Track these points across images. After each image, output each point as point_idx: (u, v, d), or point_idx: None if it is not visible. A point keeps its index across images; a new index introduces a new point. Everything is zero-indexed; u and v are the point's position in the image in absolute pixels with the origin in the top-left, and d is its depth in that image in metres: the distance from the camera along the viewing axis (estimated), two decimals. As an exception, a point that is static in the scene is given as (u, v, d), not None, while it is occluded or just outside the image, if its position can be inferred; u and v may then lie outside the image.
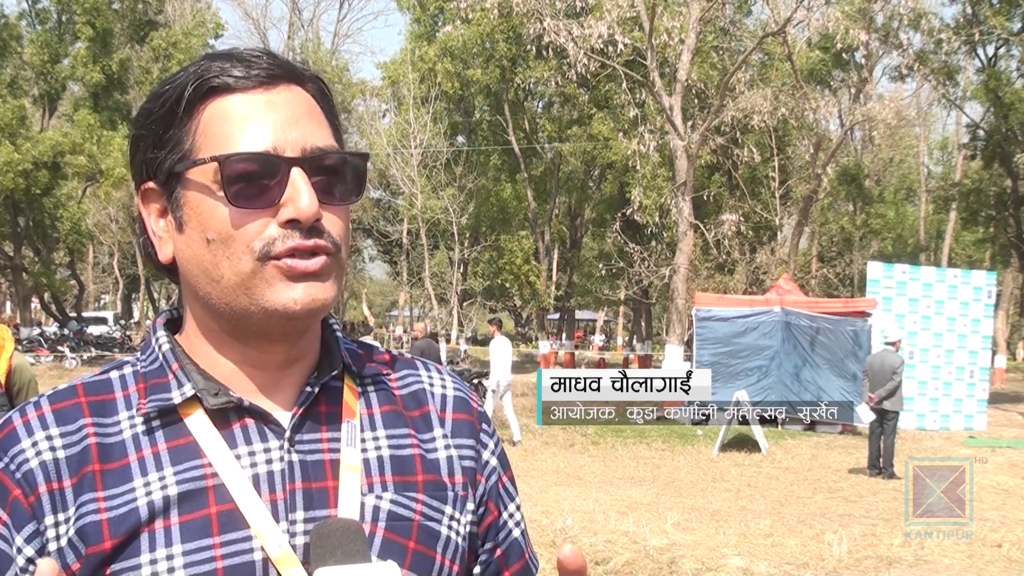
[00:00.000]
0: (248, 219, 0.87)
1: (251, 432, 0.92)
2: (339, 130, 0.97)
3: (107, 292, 59.40)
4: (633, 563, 6.44)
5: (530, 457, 12.54)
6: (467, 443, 1.03)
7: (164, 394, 0.91)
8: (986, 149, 31.80)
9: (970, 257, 45.65)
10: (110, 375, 0.96)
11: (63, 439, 0.89)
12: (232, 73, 0.89)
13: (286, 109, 0.90)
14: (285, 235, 0.87)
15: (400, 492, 0.95)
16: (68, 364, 26.89)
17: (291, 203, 0.87)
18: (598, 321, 56.50)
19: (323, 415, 0.95)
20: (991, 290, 17.70)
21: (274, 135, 0.88)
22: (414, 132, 28.60)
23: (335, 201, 0.91)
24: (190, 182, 0.90)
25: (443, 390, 1.05)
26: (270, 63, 0.91)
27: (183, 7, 35.20)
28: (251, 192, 0.87)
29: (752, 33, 25.87)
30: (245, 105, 0.89)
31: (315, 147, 0.89)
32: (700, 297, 17.71)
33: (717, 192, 28.52)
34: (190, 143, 0.90)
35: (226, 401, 0.91)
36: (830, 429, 15.70)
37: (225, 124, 0.89)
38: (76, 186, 31.89)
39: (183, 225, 0.91)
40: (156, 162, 0.91)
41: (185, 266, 0.92)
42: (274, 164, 0.87)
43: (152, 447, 0.90)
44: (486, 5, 19.81)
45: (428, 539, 0.95)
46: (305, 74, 0.94)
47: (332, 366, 0.98)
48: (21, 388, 4.30)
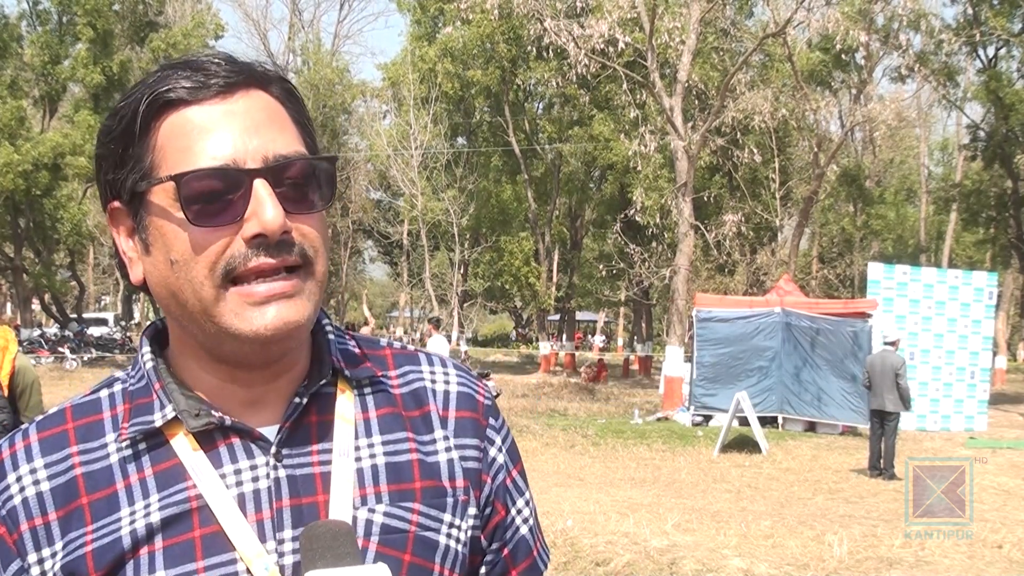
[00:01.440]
0: (211, 238, 0.83)
1: (236, 450, 0.89)
2: (309, 132, 0.93)
3: (107, 293, 59.37)
4: (634, 564, 6.44)
5: (531, 458, 12.53)
6: (471, 443, 0.99)
7: (147, 416, 0.89)
8: (987, 150, 31.79)
9: (971, 258, 45.60)
10: (99, 394, 0.94)
11: (47, 470, 0.88)
12: (186, 84, 0.85)
13: (246, 117, 0.85)
14: (249, 254, 0.83)
15: (395, 503, 0.92)
16: (68, 365, 26.89)
17: (255, 217, 0.83)
18: (598, 322, 56.47)
19: (313, 425, 0.92)
20: (992, 291, 17.70)
21: (234, 146, 0.84)
22: (414, 133, 28.62)
23: (305, 210, 0.86)
24: (151, 203, 0.86)
25: (446, 386, 1.01)
26: (229, 70, 0.87)
27: (183, 8, 35.19)
28: (212, 210, 0.83)
29: (752, 34, 25.86)
30: (202, 117, 0.85)
31: (278, 155, 0.85)
32: (700, 298, 17.71)
33: (718, 193, 28.50)
34: (149, 161, 0.86)
35: (207, 423, 0.88)
36: (830, 430, 15.71)
37: (182, 139, 0.85)
38: (76, 187, 31.89)
39: (149, 246, 0.88)
40: (119, 182, 0.88)
41: (154, 288, 0.89)
42: (235, 178, 0.83)
43: (139, 473, 0.88)
44: (486, 6, 19.80)
45: (425, 550, 0.92)
46: (269, 76, 0.90)
47: (322, 373, 0.94)
48: (24, 389, 4.31)
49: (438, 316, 17.14)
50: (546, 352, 33.11)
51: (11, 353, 4.28)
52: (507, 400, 19.41)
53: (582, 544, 6.84)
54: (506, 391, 20.38)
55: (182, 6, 35.12)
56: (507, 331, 60.06)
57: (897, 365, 11.33)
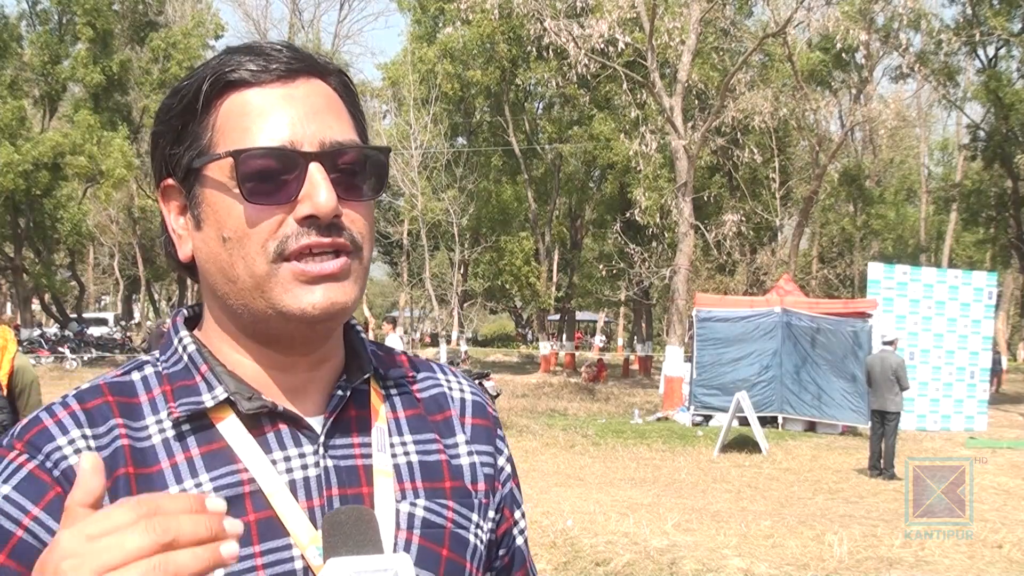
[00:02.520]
0: (264, 216, 0.85)
1: (285, 437, 0.90)
2: (363, 125, 0.95)
3: (107, 293, 59.41)
4: (634, 564, 6.44)
5: (531, 458, 12.53)
6: (486, 449, 1.02)
7: (194, 397, 0.89)
8: (987, 150, 31.81)
9: (971, 258, 45.63)
10: (131, 376, 0.92)
11: (95, 440, 0.86)
12: (250, 67, 0.87)
13: (305, 103, 0.87)
14: (301, 232, 0.85)
15: (431, 499, 0.94)
16: (68, 365, 26.90)
17: (308, 199, 0.84)
18: (598, 322, 56.46)
19: (353, 419, 0.94)
20: (992, 291, 17.70)
21: (292, 129, 0.86)
22: (415, 133, 28.60)
23: (356, 197, 0.88)
24: (207, 178, 0.88)
25: (462, 394, 1.04)
26: (290, 56, 0.89)
27: (183, 8, 35.21)
28: (267, 188, 0.85)
29: (752, 34, 25.86)
30: (263, 99, 0.87)
31: (334, 141, 0.87)
32: (701, 298, 17.71)
33: (718, 193, 28.51)
34: (207, 138, 0.88)
35: (260, 406, 0.89)
36: (830, 430, 15.71)
37: (242, 119, 0.87)
38: (76, 187, 31.90)
39: (201, 223, 0.89)
40: (175, 158, 0.90)
41: (203, 265, 0.90)
42: (291, 159, 0.85)
43: (185, 452, 0.87)
44: (486, 6, 19.79)
45: (459, 547, 0.94)
46: (328, 67, 0.92)
47: (363, 369, 0.96)
48: (23, 389, 4.30)
49: (394, 315, 17.41)
50: (546, 352, 33.13)
51: (10, 353, 4.27)
52: (507, 400, 19.40)
53: (582, 544, 6.84)
54: (506, 391, 20.38)
55: (182, 6, 35.13)
56: (507, 331, 60.03)
57: (896, 365, 11.33)
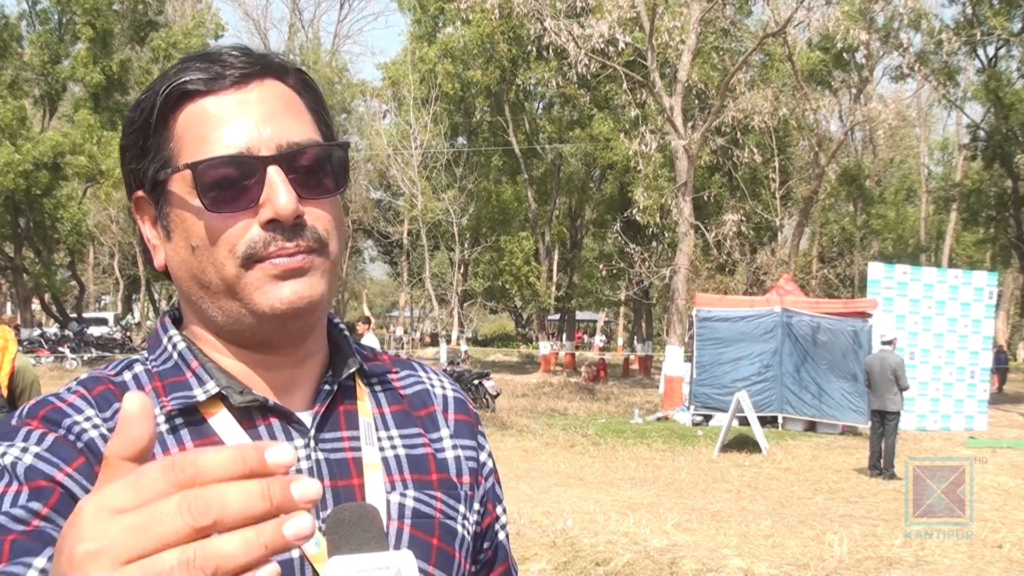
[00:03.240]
0: (228, 223, 0.86)
1: (276, 431, 0.91)
2: (325, 120, 0.95)
3: (108, 293, 59.36)
4: (634, 564, 6.44)
5: (531, 458, 12.53)
6: (469, 444, 1.05)
7: (185, 392, 0.90)
8: (987, 150, 31.83)
9: (970, 258, 45.64)
10: (123, 375, 0.93)
11: (106, 424, 0.87)
12: (203, 75, 0.88)
13: (260, 106, 0.88)
14: (267, 238, 0.86)
15: (420, 490, 0.96)
16: (68, 365, 26.89)
17: (269, 203, 0.85)
18: (599, 322, 56.47)
19: (341, 414, 0.95)
20: (992, 291, 17.69)
21: (248, 135, 0.86)
22: (415, 133, 28.60)
23: (318, 194, 0.89)
24: (171, 191, 0.89)
25: (443, 391, 1.07)
26: (245, 61, 0.89)
27: (183, 8, 35.21)
28: (228, 196, 0.85)
29: (752, 34, 25.86)
30: (218, 107, 0.88)
31: (291, 142, 0.87)
32: (700, 298, 17.71)
33: (718, 192, 28.52)
34: (169, 150, 0.89)
35: (251, 400, 0.90)
36: (830, 430, 15.71)
37: (199, 128, 0.87)
38: (76, 187, 31.93)
39: (170, 233, 0.90)
40: (141, 171, 0.91)
41: (176, 272, 0.91)
42: (249, 165, 0.86)
43: (179, 446, 0.88)
44: (486, 6, 19.78)
45: (448, 536, 0.96)
46: (285, 66, 0.93)
47: (348, 364, 0.98)
48: (24, 390, 4.29)
49: (369, 316, 17.66)
50: (546, 352, 33.12)
51: (11, 353, 4.26)
52: (507, 400, 19.40)
53: (582, 544, 6.84)
54: (506, 391, 20.38)
55: (182, 5, 35.14)
56: (507, 331, 60.02)
57: (896, 365, 11.31)
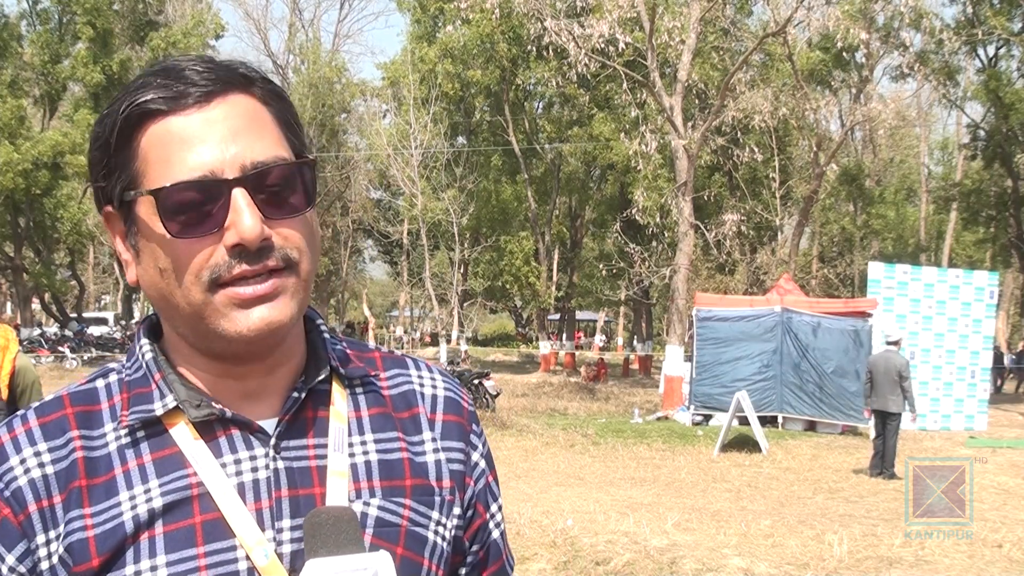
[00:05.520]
0: (194, 249, 0.85)
1: (236, 441, 0.91)
2: (296, 132, 0.93)
3: (107, 293, 59.36)
4: (634, 563, 6.44)
5: (531, 457, 12.54)
6: (456, 446, 1.02)
7: (147, 405, 0.90)
8: (987, 149, 31.83)
9: (971, 257, 45.63)
10: (96, 384, 0.95)
11: (51, 454, 0.88)
12: (163, 94, 0.86)
13: (224, 124, 0.85)
14: (232, 263, 0.85)
15: (388, 498, 0.94)
16: (68, 365, 26.89)
17: (234, 227, 0.84)
18: (598, 322, 56.45)
19: (310, 420, 0.94)
20: (992, 290, 17.70)
21: (212, 157, 0.84)
22: (414, 133, 28.58)
23: (286, 214, 0.87)
24: (137, 214, 0.88)
25: (433, 390, 1.04)
26: (207, 77, 0.86)
27: (183, 7, 35.17)
28: (192, 220, 0.84)
29: (753, 33, 25.86)
30: (181, 127, 0.85)
31: (256, 162, 0.85)
32: (701, 297, 17.71)
33: (718, 192, 28.51)
34: (133, 170, 0.87)
35: (208, 413, 0.90)
36: (830, 429, 15.71)
37: (162, 149, 0.85)
38: (76, 186, 31.89)
39: (139, 253, 0.90)
40: (108, 189, 0.90)
41: (147, 291, 0.91)
42: (213, 188, 0.84)
43: (137, 459, 0.89)
44: (486, 6, 19.77)
45: (415, 544, 0.94)
46: (251, 78, 0.90)
47: (319, 369, 0.96)
48: (25, 389, 4.29)
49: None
50: (546, 352, 33.12)
51: (11, 353, 4.26)
52: (507, 400, 19.40)
53: (582, 543, 6.84)
54: (506, 391, 20.37)
55: (182, 5, 35.11)
56: (507, 331, 60.00)
57: (901, 366, 11.20)
